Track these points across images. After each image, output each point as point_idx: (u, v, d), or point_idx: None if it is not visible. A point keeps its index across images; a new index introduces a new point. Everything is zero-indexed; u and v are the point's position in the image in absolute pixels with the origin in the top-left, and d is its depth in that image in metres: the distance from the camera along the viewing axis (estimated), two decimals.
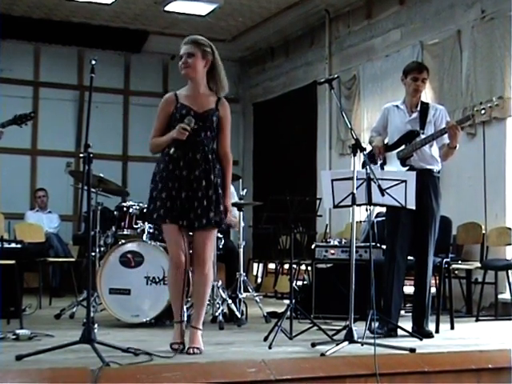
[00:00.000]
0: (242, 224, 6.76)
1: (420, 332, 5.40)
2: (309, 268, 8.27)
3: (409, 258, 5.99)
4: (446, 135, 5.53)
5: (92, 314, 4.92)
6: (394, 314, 5.54)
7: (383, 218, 6.37)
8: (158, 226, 5.79)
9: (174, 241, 4.53)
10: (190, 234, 4.63)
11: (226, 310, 6.33)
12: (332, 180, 4.95)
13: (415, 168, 5.51)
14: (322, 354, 4.31)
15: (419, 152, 5.60)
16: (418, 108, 5.75)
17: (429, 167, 5.64)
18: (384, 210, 6.32)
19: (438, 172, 5.73)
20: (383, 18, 9.67)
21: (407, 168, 5.55)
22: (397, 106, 5.79)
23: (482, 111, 5.62)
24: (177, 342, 4.51)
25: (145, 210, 5.59)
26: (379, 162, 5.71)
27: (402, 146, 5.65)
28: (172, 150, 4.45)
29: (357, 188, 4.78)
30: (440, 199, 5.70)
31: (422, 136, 5.61)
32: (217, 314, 6.07)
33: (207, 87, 4.63)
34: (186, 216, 4.48)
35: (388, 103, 6.05)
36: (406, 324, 5.54)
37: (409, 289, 7.56)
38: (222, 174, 4.61)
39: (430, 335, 5.47)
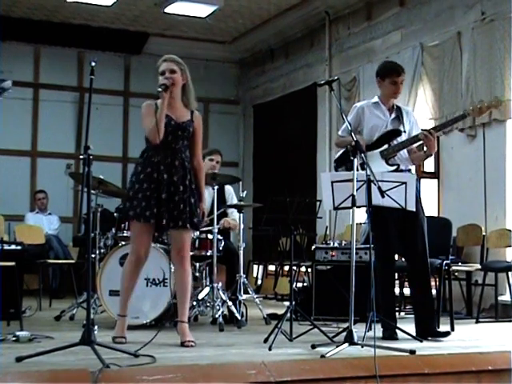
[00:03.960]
0: (242, 226, 6.76)
1: (436, 334, 5.39)
2: (309, 270, 8.27)
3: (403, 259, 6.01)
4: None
5: (92, 316, 4.92)
6: (394, 316, 5.54)
7: None
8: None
9: (141, 238, 4.93)
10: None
11: (226, 312, 6.32)
12: (332, 182, 4.94)
13: (401, 167, 5.51)
14: (322, 356, 4.31)
15: (401, 151, 5.58)
16: (395, 108, 5.71)
17: (411, 167, 5.64)
18: None
19: None
20: (383, 19, 9.67)
21: (394, 168, 5.52)
22: (374, 104, 5.67)
23: (477, 108, 5.59)
24: (120, 336, 4.91)
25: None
26: (359, 162, 5.52)
27: (385, 146, 5.61)
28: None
29: (357, 190, 4.78)
30: None
31: (404, 135, 5.59)
32: (217, 315, 6.07)
33: (181, 102, 5.04)
34: (161, 215, 4.84)
35: (359, 102, 5.99)
36: (406, 325, 5.53)
37: (408, 290, 7.58)
38: (197, 182, 5.04)
39: (448, 334, 5.45)
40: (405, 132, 5.61)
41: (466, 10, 8.32)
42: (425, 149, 5.59)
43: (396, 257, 5.84)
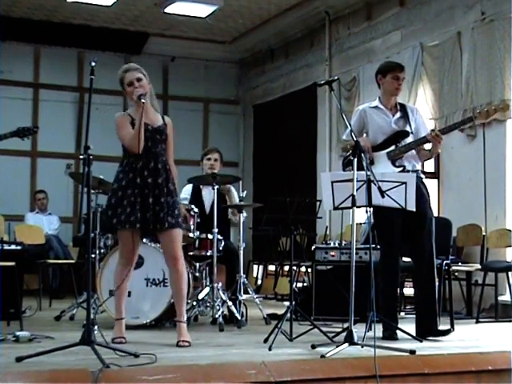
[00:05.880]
0: (242, 226, 6.75)
1: (437, 333, 5.39)
2: (309, 270, 8.26)
3: (406, 259, 6.00)
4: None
5: (92, 316, 4.92)
6: (395, 317, 5.54)
7: None
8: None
9: (129, 244, 4.98)
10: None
11: (226, 312, 6.33)
12: (332, 182, 4.94)
13: (407, 168, 5.51)
14: (322, 356, 4.31)
15: (409, 151, 5.59)
16: (398, 108, 5.72)
17: (418, 167, 5.63)
18: None
19: None
20: (383, 19, 9.67)
21: (401, 169, 5.52)
22: (375, 107, 5.68)
23: (485, 111, 5.61)
24: (120, 337, 4.96)
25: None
26: (366, 161, 5.49)
27: (392, 147, 5.61)
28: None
29: (357, 190, 4.78)
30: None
31: (411, 136, 5.59)
32: (217, 315, 6.07)
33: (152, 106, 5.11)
34: (148, 220, 4.91)
35: (361, 105, 6.00)
36: (406, 325, 5.53)
37: (408, 290, 7.59)
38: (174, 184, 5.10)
39: (449, 331, 5.45)
40: (412, 133, 5.61)
41: (465, 10, 8.32)
42: (428, 147, 5.59)
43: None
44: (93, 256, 6.38)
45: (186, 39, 12.13)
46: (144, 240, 6.18)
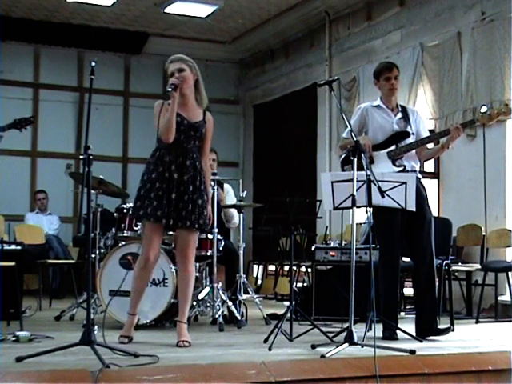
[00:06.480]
0: (242, 226, 6.75)
1: (437, 332, 5.39)
2: (309, 270, 8.26)
3: (406, 259, 6.00)
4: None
5: (92, 316, 4.92)
6: (395, 317, 5.54)
7: None
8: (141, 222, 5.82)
9: (151, 239, 4.92)
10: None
11: (226, 312, 6.32)
12: (332, 182, 4.94)
13: (407, 168, 5.51)
14: (322, 356, 4.31)
15: (409, 151, 5.60)
16: (400, 109, 5.74)
17: (416, 167, 5.64)
18: None
19: None
20: (383, 19, 9.67)
21: (401, 169, 5.52)
22: (377, 106, 5.71)
23: (487, 115, 5.62)
24: (125, 336, 4.91)
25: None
26: (366, 161, 5.48)
27: (393, 147, 5.62)
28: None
29: (357, 190, 4.78)
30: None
31: (412, 137, 5.60)
32: (217, 315, 6.07)
33: (195, 100, 5.04)
34: (170, 215, 4.84)
35: (363, 103, 6.01)
36: (406, 325, 5.53)
37: (408, 290, 7.58)
38: (205, 183, 5.01)
39: (448, 330, 5.45)
40: (413, 134, 5.62)
41: (465, 10, 8.32)
42: (430, 146, 5.58)
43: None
44: (93, 256, 6.39)
45: (185, 39, 12.12)
46: None
